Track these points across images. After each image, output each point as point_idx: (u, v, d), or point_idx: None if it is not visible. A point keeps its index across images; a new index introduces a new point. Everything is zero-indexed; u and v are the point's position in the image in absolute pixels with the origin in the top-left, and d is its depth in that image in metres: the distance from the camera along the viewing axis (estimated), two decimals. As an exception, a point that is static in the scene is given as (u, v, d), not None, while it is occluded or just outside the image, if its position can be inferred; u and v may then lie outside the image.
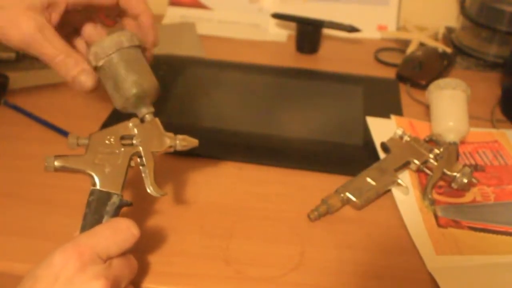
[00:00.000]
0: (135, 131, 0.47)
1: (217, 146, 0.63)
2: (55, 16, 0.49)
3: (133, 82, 0.48)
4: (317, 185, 0.57)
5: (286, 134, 0.65)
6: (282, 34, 0.91)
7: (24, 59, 0.76)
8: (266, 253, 0.50)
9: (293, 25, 0.86)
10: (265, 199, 0.56)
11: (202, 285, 0.47)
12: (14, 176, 0.58)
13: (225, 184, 0.58)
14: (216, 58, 0.82)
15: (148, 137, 0.47)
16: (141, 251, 0.49)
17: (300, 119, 0.69)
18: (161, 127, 0.48)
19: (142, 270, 0.48)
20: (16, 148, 0.62)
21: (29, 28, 0.46)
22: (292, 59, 0.84)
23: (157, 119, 0.49)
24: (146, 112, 0.49)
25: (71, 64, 0.48)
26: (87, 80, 0.49)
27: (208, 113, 0.69)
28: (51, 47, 0.48)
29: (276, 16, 0.89)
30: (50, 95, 0.71)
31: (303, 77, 0.78)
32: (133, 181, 0.51)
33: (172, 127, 0.66)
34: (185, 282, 0.47)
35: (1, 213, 0.53)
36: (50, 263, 0.38)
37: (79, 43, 0.56)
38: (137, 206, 0.47)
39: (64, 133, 0.64)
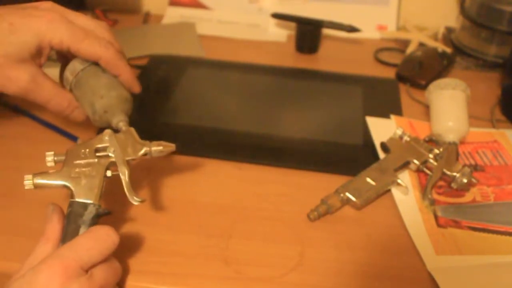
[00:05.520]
0: (109, 142, 0.48)
1: (217, 146, 0.63)
2: (43, 59, 0.53)
3: (90, 102, 0.52)
4: (317, 185, 0.57)
5: (286, 134, 0.65)
6: (282, 34, 0.91)
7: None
8: (265, 253, 0.50)
9: (293, 25, 0.86)
10: (265, 199, 0.56)
11: (202, 285, 0.47)
12: (14, 176, 0.58)
13: (225, 184, 0.58)
14: (216, 58, 0.82)
15: (122, 146, 0.48)
16: (140, 251, 0.49)
17: (300, 119, 0.69)
18: (135, 135, 0.50)
19: (141, 270, 0.48)
20: (16, 148, 0.62)
21: (24, 81, 0.51)
22: (292, 59, 0.84)
23: (132, 129, 0.50)
24: (117, 121, 0.51)
25: (64, 105, 0.54)
26: (78, 115, 0.56)
27: (208, 113, 0.69)
28: (44, 94, 0.53)
29: (276, 16, 0.89)
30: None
31: (303, 77, 0.78)
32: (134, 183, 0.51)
33: (172, 127, 0.66)
34: (184, 282, 0.47)
35: (1, 213, 0.53)
36: (35, 280, 0.38)
37: None
38: (136, 206, 0.47)
39: (64, 133, 0.64)
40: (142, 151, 0.48)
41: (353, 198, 0.54)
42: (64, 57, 0.57)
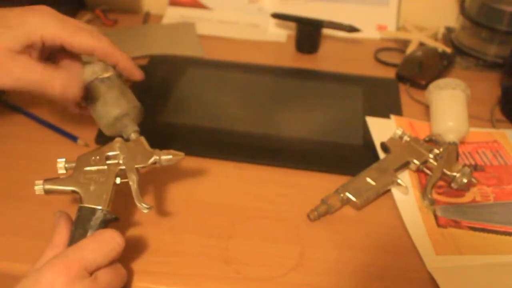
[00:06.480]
0: (120, 149, 0.49)
1: (217, 146, 0.63)
2: (35, 54, 0.52)
3: (100, 115, 0.52)
4: (317, 185, 0.57)
5: (286, 134, 0.65)
6: (281, 34, 0.91)
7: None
8: (265, 253, 0.50)
9: (293, 25, 0.86)
10: (265, 199, 0.56)
11: (202, 285, 0.47)
12: (14, 176, 0.58)
13: (225, 184, 0.58)
14: (215, 58, 0.82)
15: (132, 154, 0.49)
16: (141, 251, 0.49)
17: (300, 119, 0.69)
18: (145, 144, 0.50)
19: (142, 270, 0.48)
20: (16, 148, 0.62)
21: (17, 73, 0.48)
22: (292, 59, 0.84)
23: (142, 137, 0.51)
24: (127, 134, 0.52)
25: (57, 78, 0.50)
26: (73, 86, 0.51)
27: (208, 113, 0.69)
28: (37, 72, 0.49)
29: (276, 16, 0.89)
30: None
31: (303, 77, 0.78)
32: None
33: (172, 127, 0.66)
34: (185, 282, 0.47)
35: (1, 213, 0.53)
36: (39, 280, 0.38)
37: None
38: (136, 207, 0.47)
39: (64, 133, 0.64)
40: (152, 159, 0.49)
41: (353, 198, 0.54)
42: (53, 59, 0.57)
